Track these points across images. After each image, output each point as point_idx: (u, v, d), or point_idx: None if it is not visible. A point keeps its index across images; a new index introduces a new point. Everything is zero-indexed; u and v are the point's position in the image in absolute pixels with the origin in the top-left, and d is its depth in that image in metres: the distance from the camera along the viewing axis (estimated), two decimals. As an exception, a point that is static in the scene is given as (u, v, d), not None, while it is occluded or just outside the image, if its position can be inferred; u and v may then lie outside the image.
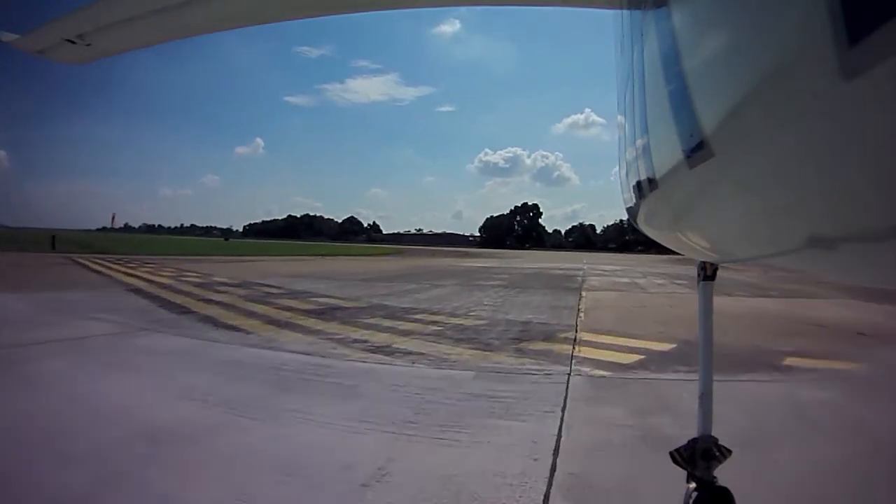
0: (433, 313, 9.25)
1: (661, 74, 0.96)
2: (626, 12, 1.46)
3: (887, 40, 0.38)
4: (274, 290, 13.13)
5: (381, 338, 6.85)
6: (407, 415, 3.80)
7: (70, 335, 6.68)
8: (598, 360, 5.62)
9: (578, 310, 10.10)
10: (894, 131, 0.43)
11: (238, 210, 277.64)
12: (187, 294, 12.00)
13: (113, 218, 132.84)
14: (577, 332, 7.45)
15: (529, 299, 12.09)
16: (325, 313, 9.16)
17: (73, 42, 2.08)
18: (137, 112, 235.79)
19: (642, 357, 5.86)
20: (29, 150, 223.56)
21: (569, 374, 5.01)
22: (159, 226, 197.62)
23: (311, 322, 8.20)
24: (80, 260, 23.34)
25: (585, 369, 5.23)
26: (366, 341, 6.62)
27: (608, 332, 7.45)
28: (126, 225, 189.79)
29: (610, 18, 1.97)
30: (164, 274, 17.79)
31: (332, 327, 7.69)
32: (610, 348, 6.31)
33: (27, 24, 2.09)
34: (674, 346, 6.57)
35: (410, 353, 5.96)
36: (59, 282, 13.58)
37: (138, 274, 17.46)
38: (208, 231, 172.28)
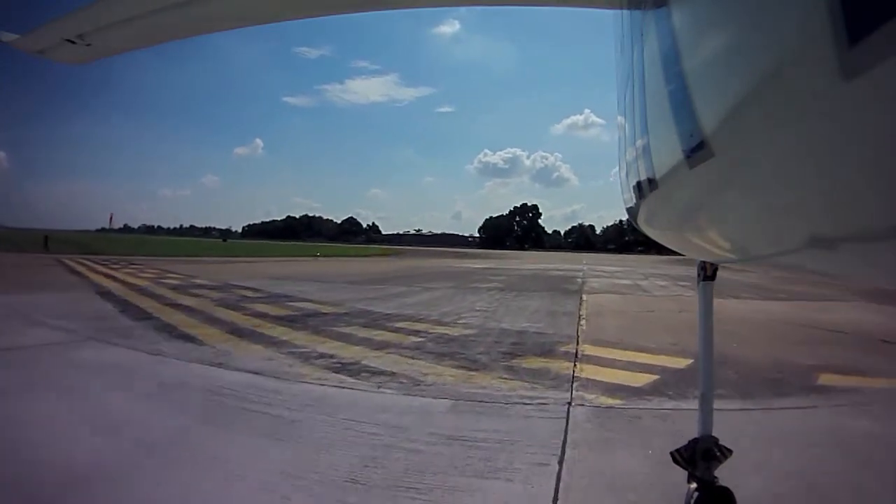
0: (418, 321, 8.30)
1: (661, 74, 0.95)
2: (626, 12, 1.45)
3: (887, 40, 0.38)
4: (252, 294, 12.28)
5: (350, 352, 5.90)
6: (354, 468, 2.85)
7: (4, 345, 5.82)
8: (603, 383, 4.66)
9: (579, 316, 9.14)
10: (894, 131, 0.43)
11: (237, 211, 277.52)
12: (158, 298, 11.19)
13: (111, 218, 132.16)
14: (578, 344, 6.49)
15: (526, 304, 11.13)
16: (297, 321, 8.24)
17: (73, 42, 2.04)
18: (137, 112, 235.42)
19: (656, 378, 4.91)
20: (29, 150, 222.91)
21: (569, 404, 4.05)
22: (158, 226, 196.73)
23: (278, 331, 7.28)
24: (67, 261, 22.82)
25: (589, 396, 4.28)
26: (332, 357, 5.68)
27: (613, 345, 6.50)
28: (125, 226, 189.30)
29: (610, 18, 1.94)
30: (145, 276, 17.10)
31: (299, 338, 6.76)
32: (617, 366, 5.35)
33: (27, 24, 2.07)
34: (691, 361, 5.61)
35: (380, 372, 5.01)
36: (31, 283, 12.96)
37: (118, 276, 16.80)
38: (207, 232, 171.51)
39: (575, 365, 5.33)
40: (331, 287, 14.58)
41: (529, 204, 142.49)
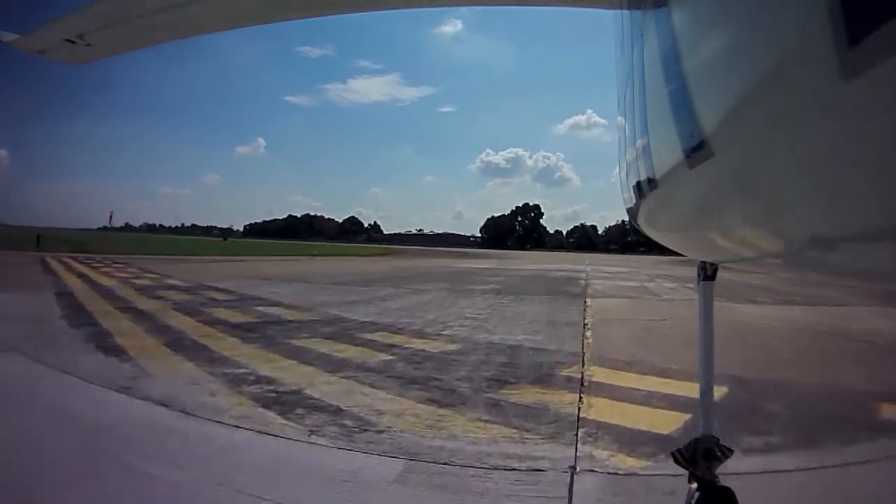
0: (395, 332, 7.08)
1: (661, 74, 0.96)
2: (626, 12, 1.45)
3: (887, 40, 0.38)
4: (221, 297, 11.16)
5: (296, 375, 4.69)
6: None
7: None
8: (620, 429, 3.42)
9: (584, 326, 7.88)
10: (894, 131, 0.43)
11: (239, 210, 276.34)
12: (116, 300, 10.19)
13: (111, 217, 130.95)
14: (583, 365, 5.23)
15: (524, 310, 9.90)
16: (254, 330, 7.05)
17: (73, 42, 2.03)
18: (139, 111, 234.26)
19: (689, 418, 3.67)
20: (30, 149, 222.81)
21: (572, 470, 2.81)
22: (160, 225, 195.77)
23: (225, 344, 6.10)
24: (50, 259, 22.10)
25: (601, 453, 3.03)
26: (271, 382, 4.47)
27: (627, 366, 5.26)
28: (127, 224, 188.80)
29: (610, 18, 1.95)
30: (120, 276, 16.16)
31: (243, 354, 5.57)
32: (635, 399, 4.11)
33: (27, 24, 2.07)
34: (726, 390, 4.40)
35: (322, 408, 3.79)
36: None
37: (92, 275, 15.92)
38: (209, 231, 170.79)
39: (580, 398, 4.07)
40: (312, 289, 13.45)
41: (531, 204, 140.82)
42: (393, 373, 4.80)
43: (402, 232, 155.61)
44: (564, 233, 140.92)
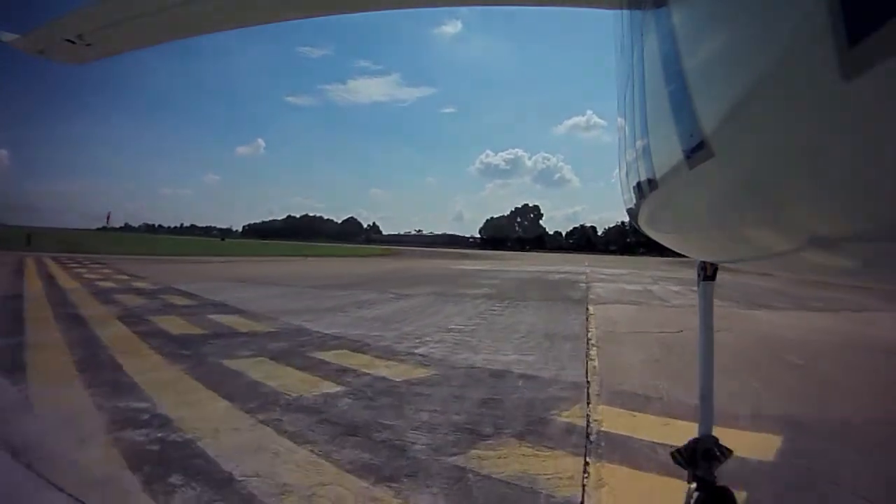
0: (358, 349, 5.86)
1: (661, 75, 0.96)
2: (626, 12, 1.45)
3: (887, 40, 0.38)
4: (182, 302, 10.05)
5: (202, 415, 3.46)
6: None
7: None
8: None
9: (588, 342, 6.63)
10: (894, 131, 0.43)
11: (238, 210, 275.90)
12: (64, 305, 9.26)
13: (108, 217, 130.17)
14: (588, 403, 3.96)
15: (517, 320, 8.67)
16: (190, 345, 5.86)
17: (73, 42, 2.02)
18: (138, 111, 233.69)
19: (748, 497, 2.47)
20: (30, 149, 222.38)
21: None
22: (159, 225, 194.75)
23: (145, 364, 4.94)
24: (28, 259, 21.21)
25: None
26: (163, 425, 3.26)
27: (646, 403, 4.00)
28: (126, 224, 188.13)
29: (610, 18, 1.96)
30: (88, 277, 15.23)
31: (156, 379, 4.38)
32: (666, 466, 2.82)
33: (27, 24, 2.08)
34: (780, 440, 3.21)
35: (207, 475, 2.56)
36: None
37: (59, 276, 14.77)
38: (208, 231, 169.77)
39: (585, 466, 2.80)
40: (287, 293, 12.27)
41: (531, 205, 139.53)
42: (330, 414, 3.56)
43: (402, 233, 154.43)
44: (564, 234, 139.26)
